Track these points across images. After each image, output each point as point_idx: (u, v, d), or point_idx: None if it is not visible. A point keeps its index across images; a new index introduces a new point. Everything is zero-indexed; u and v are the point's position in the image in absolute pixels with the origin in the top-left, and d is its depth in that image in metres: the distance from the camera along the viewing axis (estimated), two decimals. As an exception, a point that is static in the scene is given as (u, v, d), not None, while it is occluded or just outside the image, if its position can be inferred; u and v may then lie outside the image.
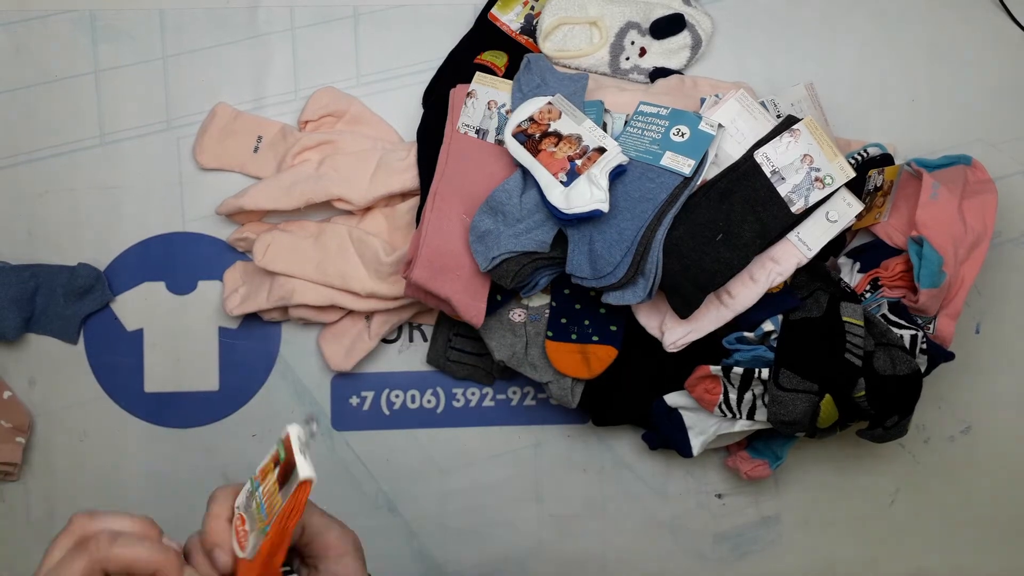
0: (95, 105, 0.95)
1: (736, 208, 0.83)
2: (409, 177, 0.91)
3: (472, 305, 0.85)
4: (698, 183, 0.84)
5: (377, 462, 0.97)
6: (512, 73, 0.91)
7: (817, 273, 0.89)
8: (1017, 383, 0.99)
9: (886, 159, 0.93)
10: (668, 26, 0.94)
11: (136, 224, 0.95)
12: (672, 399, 0.91)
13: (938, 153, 0.94)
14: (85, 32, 0.95)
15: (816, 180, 0.84)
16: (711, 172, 0.85)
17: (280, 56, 0.96)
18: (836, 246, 0.92)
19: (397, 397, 0.97)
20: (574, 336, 0.88)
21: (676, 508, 0.98)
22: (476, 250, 0.84)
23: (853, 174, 0.84)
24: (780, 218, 0.84)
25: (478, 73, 0.90)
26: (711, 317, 0.86)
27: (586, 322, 0.88)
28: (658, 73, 0.95)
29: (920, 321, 0.88)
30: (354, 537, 0.53)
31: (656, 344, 0.87)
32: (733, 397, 0.86)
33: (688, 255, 0.82)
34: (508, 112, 0.88)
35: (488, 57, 0.94)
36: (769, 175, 0.84)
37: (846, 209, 0.86)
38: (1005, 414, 0.99)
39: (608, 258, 0.81)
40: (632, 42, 0.94)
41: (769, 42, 0.98)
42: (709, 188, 0.84)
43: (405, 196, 0.93)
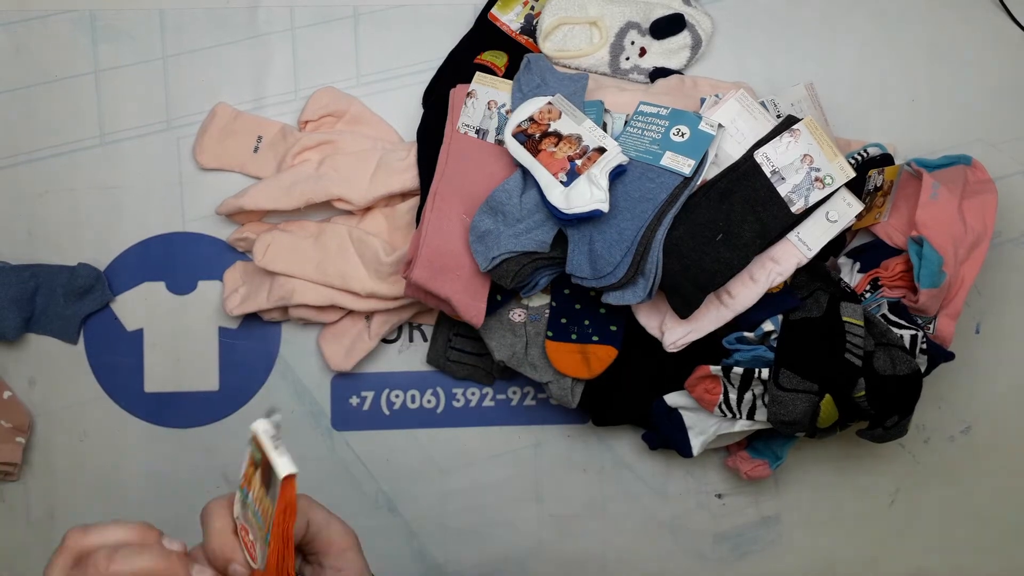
0: (95, 105, 0.95)
1: (736, 208, 0.83)
2: (409, 177, 0.91)
3: (472, 305, 0.85)
4: (698, 183, 0.84)
5: (377, 462, 0.97)
6: (512, 73, 0.91)
7: (817, 273, 0.89)
8: (1017, 383, 0.99)
9: (886, 159, 0.93)
10: (668, 26, 0.94)
11: (136, 224, 0.95)
12: (672, 399, 0.90)
13: (938, 153, 0.94)
14: (85, 32, 0.95)
15: (816, 180, 0.84)
16: (711, 172, 0.85)
17: (280, 56, 0.96)
18: (836, 246, 0.92)
19: (397, 397, 0.97)
20: (574, 336, 0.88)
21: (676, 508, 0.98)
22: (476, 250, 0.84)
23: (853, 174, 0.84)
24: (780, 218, 0.84)
25: (478, 73, 0.90)
26: (711, 317, 0.86)
27: (586, 322, 0.88)
28: (658, 73, 0.95)
29: (920, 321, 0.88)
30: (354, 532, 0.53)
31: (656, 344, 0.87)
32: (733, 397, 0.86)
33: (688, 255, 0.82)
34: (508, 112, 0.88)
35: (488, 57, 0.94)
36: (769, 175, 0.84)
37: (846, 209, 0.86)
38: (1005, 414, 0.99)
39: (608, 258, 0.81)
40: (632, 42, 0.94)
41: (769, 42, 0.98)
42: (709, 188, 0.84)
43: (405, 196, 0.93)
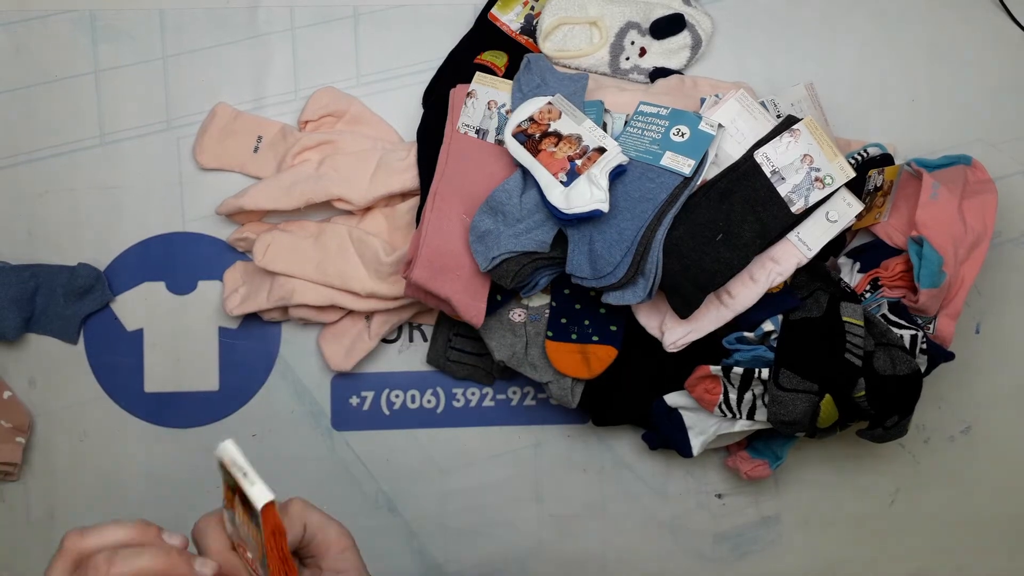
0: (95, 105, 0.95)
1: (736, 208, 0.83)
2: (409, 177, 0.91)
3: (472, 305, 0.85)
4: (698, 183, 0.83)
5: (377, 462, 0.97)
6: (512, 73, 0.91)
7: (817, 273, 0.89)
8: (1017, 383, 0.99)
9: (886, 159, 0.93)
10: (668, 26, 0.94)
11: (136, 224, 0.95)
12: (672, 399, 0.90)
13: (938, 153, 0.94)
14: (85, 32, 0.95)
15: (816, 180, 0.84)
16: (711, 172, 0.85)
17: (280, 56, 0.96)
18: (836, 246, 0.92)
19: (397, 397, 0.97)
20: (574, 336, 0.88)
21: (676, 508, 0.98)
22: (476, 250, 0.84)
23: (853, 174, 0.84)
24: (780, 218, 0.84)
25: (478, 73, 0.90)
26: (711, 317, 0.86)
27: (586, 322, 0.88)
28: (658, 73, 0.95)
29: (920, 321, 0.88)
30: (350, 533, 0.53)
31: (656, 344, 0.87)
32: (733, 397, 0.86)
33: (688, 255, 0.82)
34: (508, 112, 0.88)
35: (488, 57, 0.94)
36: (769, 175, 0.84)
37: (846, 209, 0.86)
38: (1005, 414, 0.99)
39: (608, 258, 0.80)
40: (632, 42, 0.94)
41: (769, 42, 0.98)
42: (709, 188, 0.84)
43: (405, 196, 0.93)
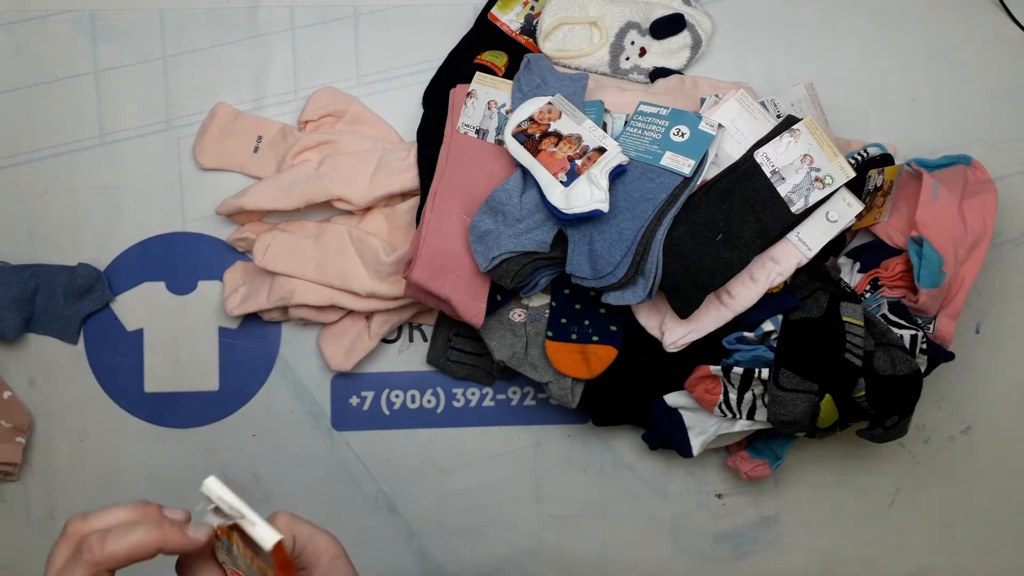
0: (95, 105, 0.95)
1: (736, 208, 0.83)
2: (409, 177, 0.91)
3: (472, 305, 0.85)
4: (698, 183, 0.84)
5: (377, 462, 0.97)
6: (512, 73, 0.91)
7: (817, 273, 0.89)
8: (1017, 383, 0.99)
9: (886, 159, 0.93)
10: (668, 26, 0.94)
11: (136, 224, 0.95)
12: (672, 399, 0.90)
13: (938, 153, 0.94)
14: (85, 32, 0.95)
15: (816, 180, 0.84)
16: (711, 172, 0.85)
17: (280, 56, 0.96)
18: (836, 246, 0.92)
19: (397, 397, 0.97)
20: (574, 336, 0.88)
21: (676, 508, 0.98)
22: (476, 250, 0.84)
23: (853, 174, 0.84)
24: (780, 218, 0.84)
25: (478, 73, 0.90)
26: (711, 317, 0.86)
27: (586, 322, 0.88)
28: (658, 73, 0.95)
29: (920, 321, 0.88)
30: (339, 541, 0.54)
31: (656, 344, 0.87)
32: (733, 397, 0.86)
33: (688, 255, 0.82)
34: (508, 112, 0.88)
35: (488, 57, 0.94)
36: (769, 175, 0.84)
37: (846, 209, 0.86)
38: (1005, 414, 0.99)
39: (608, 258, 0.80)
40: (632, 42, 0.94)
41: (769, 42, 0.98)
42: (709, 188, 0.84)
43: (405, 196, 0.93)
